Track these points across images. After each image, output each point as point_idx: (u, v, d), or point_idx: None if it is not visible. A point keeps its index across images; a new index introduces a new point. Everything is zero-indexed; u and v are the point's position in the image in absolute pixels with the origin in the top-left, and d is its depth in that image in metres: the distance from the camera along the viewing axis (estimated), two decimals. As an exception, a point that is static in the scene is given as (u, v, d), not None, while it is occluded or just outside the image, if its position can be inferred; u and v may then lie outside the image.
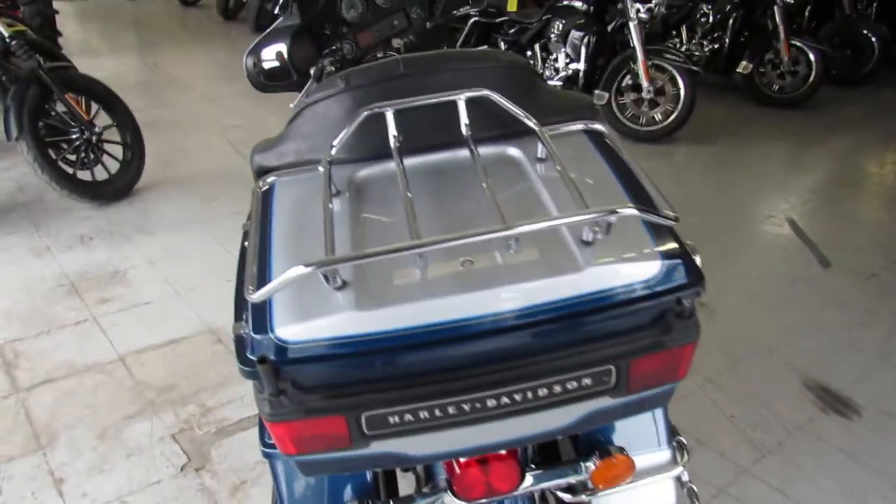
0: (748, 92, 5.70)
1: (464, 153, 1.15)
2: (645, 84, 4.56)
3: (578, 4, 4.82)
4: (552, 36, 5.01)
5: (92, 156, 3.53)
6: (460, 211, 1.08)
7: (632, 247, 0.94)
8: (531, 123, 1.10)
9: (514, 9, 4.77)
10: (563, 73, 4.91)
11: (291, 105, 2.45)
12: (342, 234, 1.01)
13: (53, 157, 3.41)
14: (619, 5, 4.61)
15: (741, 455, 2.08)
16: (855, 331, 2.68)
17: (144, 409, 2.28)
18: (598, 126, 1.21)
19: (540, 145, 1.12)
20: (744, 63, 5.54)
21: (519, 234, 0.86)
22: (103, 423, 2.22)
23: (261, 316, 0.89)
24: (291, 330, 0.87)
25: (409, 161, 1.11)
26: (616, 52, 4.83)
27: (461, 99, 1.12)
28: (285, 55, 2.16)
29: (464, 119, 1.13)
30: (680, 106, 4.64)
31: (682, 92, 4.62)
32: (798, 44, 5.47)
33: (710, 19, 5.54)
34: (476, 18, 5.33)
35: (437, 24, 2.54)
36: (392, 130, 1.12)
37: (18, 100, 3.25)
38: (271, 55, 2.21)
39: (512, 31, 5.28)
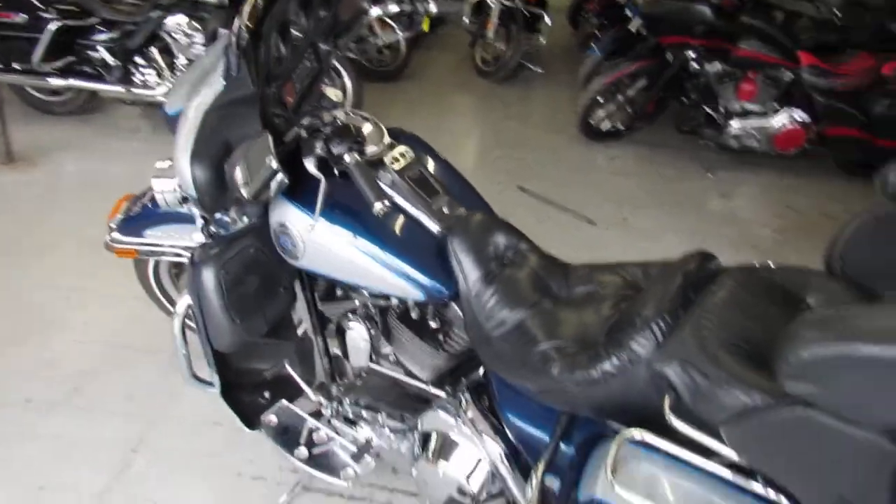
0: (357, 70, 5.76)
1: None
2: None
3: (209, -5, 4.06)
4: (176, 35, 4.11)
5: None
6: None
7: None
8: None
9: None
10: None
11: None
12: None
13: None
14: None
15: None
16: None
17: None
18: None
19: None
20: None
21: None
22: None
23: None
24: None
25: None
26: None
27: None
28: (270, 146, 1.35)
29: None
30: (351, 96, 4.44)
31: (349, 84, 4.42)
32: (386, 20, 5.72)
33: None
34: (59, 23, 3.99)
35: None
36: None
37: None
38: (250, 154, 1.36)
39: (110, 35, 4.13)
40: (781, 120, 4.15)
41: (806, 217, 3.88)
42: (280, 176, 1.36)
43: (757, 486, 1.10)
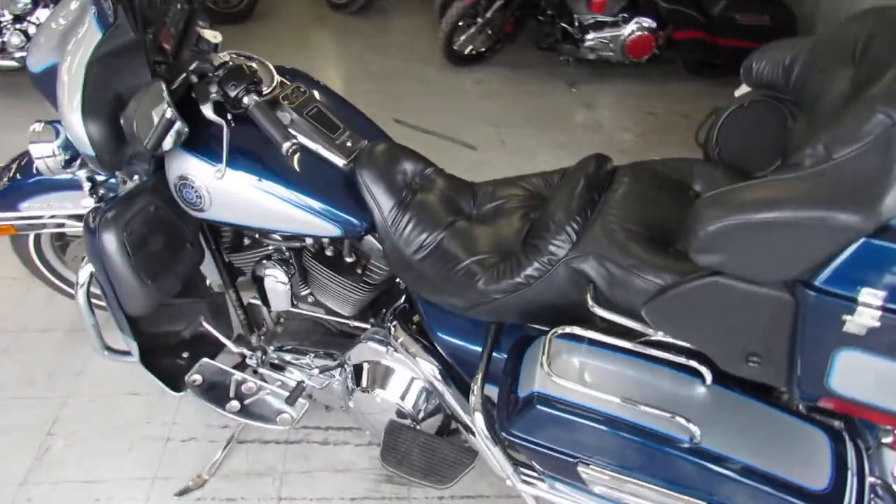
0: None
1: None
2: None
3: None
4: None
5: None
6: None
7: None
8: None
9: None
10: None
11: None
12: None
13: None
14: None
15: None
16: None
17: None
18: None
19: None
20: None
21: None
22: None
23: None
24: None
25: None
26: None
27: None
28: (164, 95, 1.30)
29: None
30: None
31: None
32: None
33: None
34: None
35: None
36: None
37: None
38: (142, 105, 1.30)
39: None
40: (631, 28, 4.37)
41: (662, 119, 4.16)
42: (178, 125, 1.31)
43: (672, 357, 1.24)
